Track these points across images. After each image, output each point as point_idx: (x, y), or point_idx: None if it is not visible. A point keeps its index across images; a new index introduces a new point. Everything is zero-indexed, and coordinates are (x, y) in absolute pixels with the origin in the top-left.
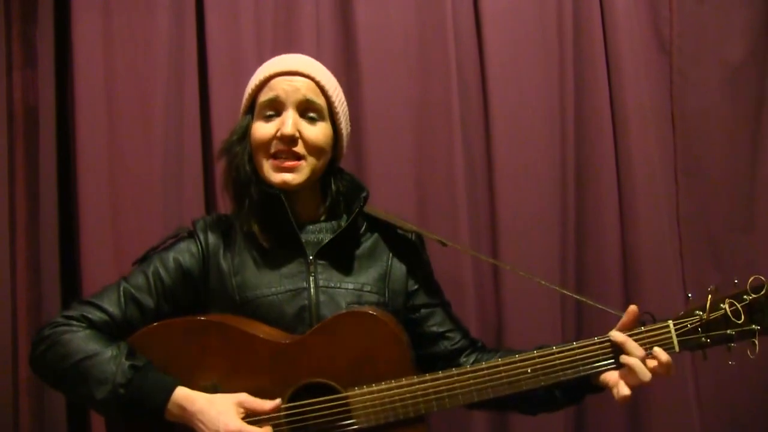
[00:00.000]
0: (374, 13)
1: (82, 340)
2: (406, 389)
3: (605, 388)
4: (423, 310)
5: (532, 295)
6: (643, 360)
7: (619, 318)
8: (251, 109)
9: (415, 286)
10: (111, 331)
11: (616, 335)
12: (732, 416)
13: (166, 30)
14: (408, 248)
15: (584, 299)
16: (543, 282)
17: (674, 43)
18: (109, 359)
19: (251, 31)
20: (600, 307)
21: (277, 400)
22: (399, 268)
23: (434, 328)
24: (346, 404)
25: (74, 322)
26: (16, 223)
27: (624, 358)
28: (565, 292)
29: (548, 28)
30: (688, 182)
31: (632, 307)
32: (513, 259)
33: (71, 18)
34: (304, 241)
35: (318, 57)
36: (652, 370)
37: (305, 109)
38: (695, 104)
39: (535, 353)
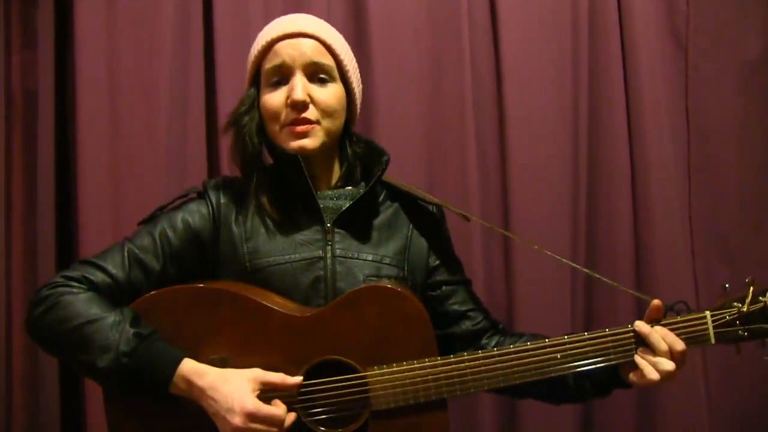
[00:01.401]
0: (386, 3)
1: (83, 303)
2: (429, 370)
3: (633, 385)
4: (445, 287)
5: (541, 281)
6: (665, 356)
7: (637, 297)
8: (256, 77)
9: (437, 262)
10: (113, 294)
11: (641, 326)
12: (741, 416)
13: (171, 12)
14: (429, 221)
15: (598, 276)
16: (559, 257)
17: (690, 39)
18: (112, 325)
19: (259, 19)
20: (620, 287)
21: (299, 378)
22: (420, 242)
23: (455, 307)
24: (365, 384)
25: (75, 284)
26: (13, 210)
27: (637, 359)
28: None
29: (563, 21)
30: (700, 179)
31: (655, 302)
32: (524, 254)
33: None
34: (321, 207)
35: None
36: (682, 354)
37: (314, 72)
38: (709, 101)
39: (566, 338)
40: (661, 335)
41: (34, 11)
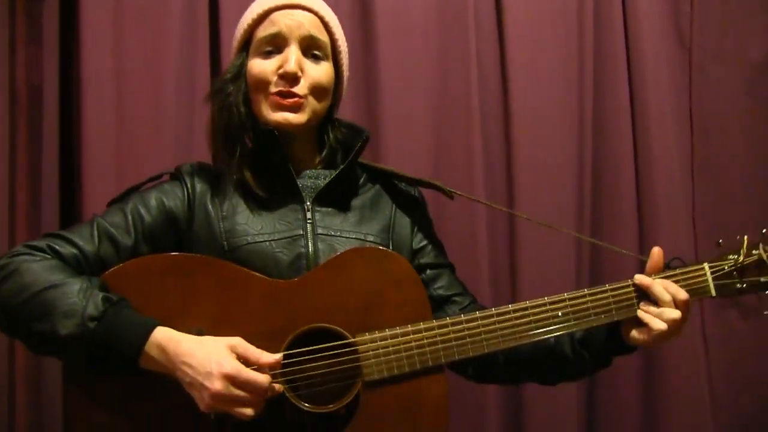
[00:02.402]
0: (393, 3)
1: (46, 270)
2: (423, 334)
3: (636, 347)
4: (429, 271)
5: (546, 272)
6: (668, 306)
7: (639, 262)
8: (246, 45)
9: (421, 244)
10: (81, 267)
11: (642, 278)
12: (745, 415)
13: (178, 8)
14: (412, 203)
15: (602, 243)
16: (564, 229)
17: (694, 40)
18: (78, 291)
19: None
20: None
21: (278, 355)
22: (403, 222)
23: (441, 291)
24: (355, 351)
25: (38, 253)
26: (17, 205)
27: (640, 313)
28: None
29: (569, 22)
30: (704, 179)
31: (655, 249)
32: (530, 252)
33: None
34: (300, 185)
35: None
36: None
37: (308, 46)
38: (714, 102)
39: (566, 296)
40: (663, 286)
41: (40, 6)
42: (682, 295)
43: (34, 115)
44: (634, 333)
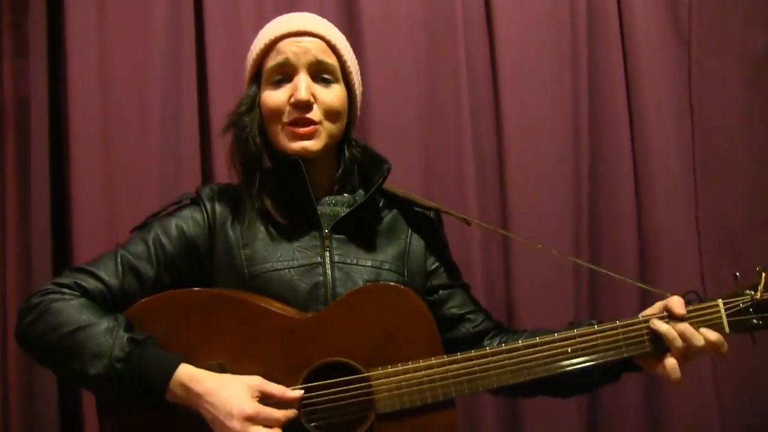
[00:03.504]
0: (380, 4)
1: (75, 309)
2: (435, 370)
3: (644, 368)
4: (442, 292)
5: (543, 283)
6: (681, 352)
7: (643, 295)
8: (257, 76)
9: (434, 266)
10: (106, 301)
11: (658, 324)
12: (753, 417)
13: (162, 17)
14: (427, 226)
15: (603, 270)
16: (569, 256)
17: (693, 33)
18: (105, 331)
19: (251, 21)
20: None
21: (300, 391)
22: (418, 246)
23: (454, 310)
24: (369, 386)
25: (66, 290)
26: (6, 218)
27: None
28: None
29: (561, 15)
30: (706, 177)
31: (675, 299)
32: (524, 258)
33: (64, 6)
34: (319, 213)
35: None
36: (700, 350)
37: (317, 71)
38: (715, 96)
39: (576, 332)
40: (679, 331)
41: (25, 18)
42: (698, 342)
43: (23, 127)
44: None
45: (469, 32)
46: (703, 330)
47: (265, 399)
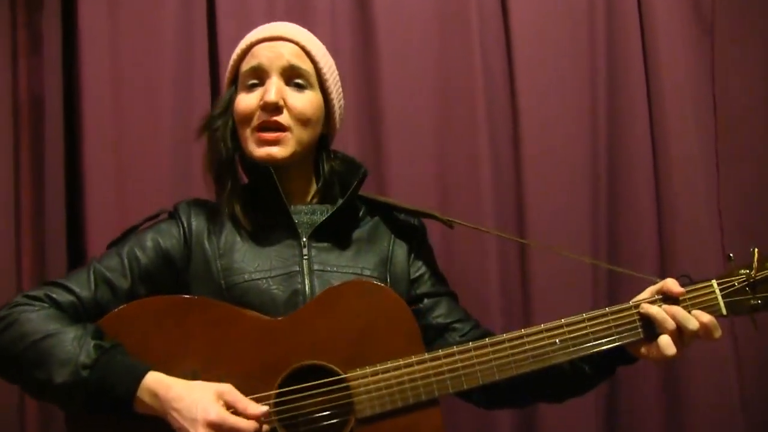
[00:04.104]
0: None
1: (42, 320)
2: (415, 368)
3: (639, 358)
4: (427, 300)
5: (560, 284)
6: (674, 334)
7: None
8: (235, 80)
9: (418, 273)
10: (78, 313)
11: (648, 308)
12: None
13: (174, 14)
14: (411, 233)
15: (620, 269)
16: (577, 256)
17: (716, 22)
18: (73, 339)
19: (262, 19)
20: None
21: (264, 408)
22: (401, 253)
23: (440, 320)
24: (346, 388)
25: (36, 302)
26: (21, 215)
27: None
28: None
29: (578, 6)
30: (730, 171)
31: (670, 281)
32: (540, 256)
33: (77, 4)
34: (296, 221)
35: (334, 44)
36: (694, 334)
37: (290, 76)
38: (738, 86)
39: (563, 322)
40: (670, 314)
41: (40, 16)
42: (692, 325)
43: (37, 125)
44: (639, 347)
45: (484, 26)
46: (696, 312)
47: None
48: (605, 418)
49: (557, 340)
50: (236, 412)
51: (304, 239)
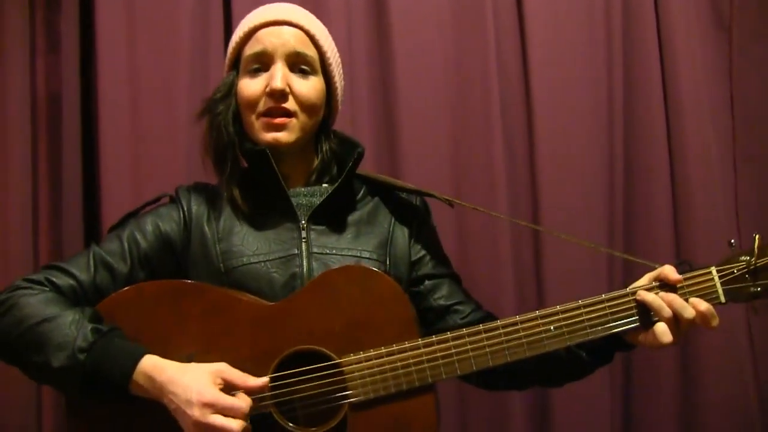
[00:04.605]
0: None
1: (41, 303)
2: (409, 353)
3: (637, 345)
4: (428, 282)
5: (575, 278)
6: (670, 322)
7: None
8: (236, 64)
9: (419, 255)
10: (77, 297)
11: (644, 294)
12: None
13: (189, 13)
14: (412, 213)
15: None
16: (590, 244)
17: (734, 18)
18: (70, 323)
19: None
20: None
21: (265, 379)
22: (402, 234)
23: (441, 302)
24: (341, 373)
25: (36, 286)
26: (39, 212)
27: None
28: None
29: (594, 3)
30: (748, 170)
31: (667, 267)
32: (555, 253)
33: (95, 3)
34: (295, 204)
35: (349, 40)
36: (691, 322)
37: (295, 62)
38: (757, 85)
39: (558, 308)
40: (666, 301)
41: (58, 16)
42: (688, 313)
43: (55, 122)
44: (636, 334)
45: (499, 24)
46: (693, 300)
47: (230, 388)
48: (621, 406)
49: (552, 327)
50: (235, 388)
51: (303, 222)
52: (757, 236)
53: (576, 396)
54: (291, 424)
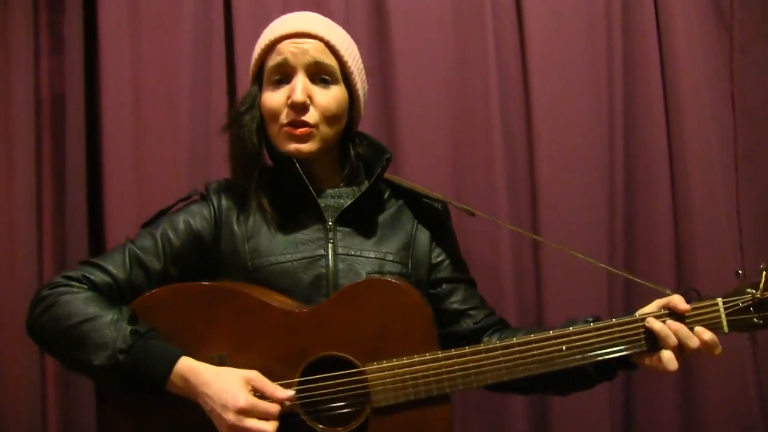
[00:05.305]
0: None
1: (81, 302)
2: (429, 365)
3: (641, 366)
4: (445, 285)
5: (575, 283)
6: (675, 350)
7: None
8: (259, 76)
9: (439, 259)
10: (113, 294)
11: (652, 323)
12: None
13: (192, 15)
14: (433, 218)
15: (635, 278)
16: (591, 260)
17: (735, 16)
18: (110, 323)
19: (278, 12)
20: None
21: (291, 392)
22: (423, 238)
23: (456, 305)
24: (364, 380)
25: (75, 283)
26: (43, 211)
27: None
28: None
29: (594, 4)
30: (749, 168)
31: (676, 297)
32: (554, 256)
33: (98, 5)
34: (322, 205)
35: None
36: (695, 351)
37: (316, 72)
38: (758, 84)
39: (571, 330)
40: (673, 330)
41: (62, 17)
42: (693, 343)
43: (58, 123)
44: (642, 357)
45: (499, 24)
46: (698, 329)
47: (259, 396)
48: (621, 412)
49: (564, 347)
50: (263, 396)
51: (330, 223)
52: (764, 271)
53: (576, 396)
54: (321, 426)
